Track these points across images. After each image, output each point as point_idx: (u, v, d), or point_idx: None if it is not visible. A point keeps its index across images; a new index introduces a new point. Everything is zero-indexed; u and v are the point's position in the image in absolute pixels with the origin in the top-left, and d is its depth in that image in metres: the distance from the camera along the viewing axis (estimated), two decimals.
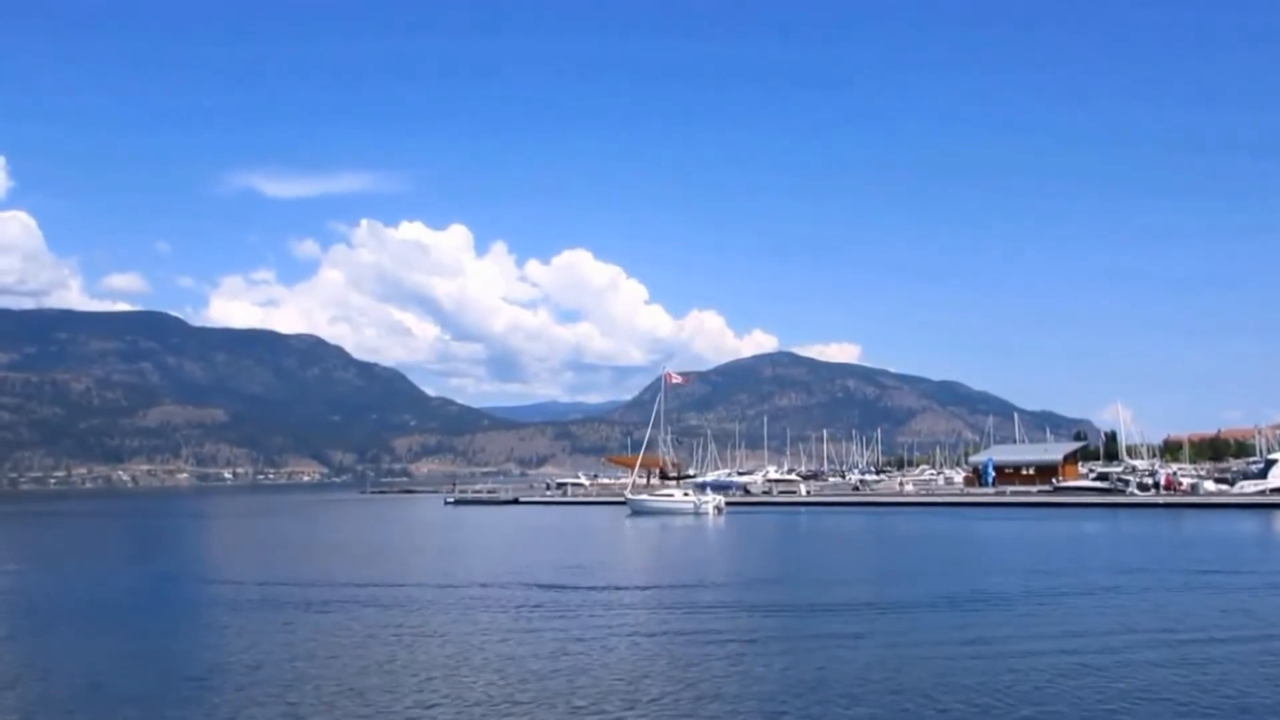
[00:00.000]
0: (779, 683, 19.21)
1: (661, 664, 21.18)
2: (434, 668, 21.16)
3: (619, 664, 21.19)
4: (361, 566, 43.97)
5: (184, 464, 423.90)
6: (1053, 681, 19.00)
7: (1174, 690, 18.25)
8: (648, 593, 33.44)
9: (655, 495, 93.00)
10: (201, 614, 29.30)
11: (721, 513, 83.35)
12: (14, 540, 76.12)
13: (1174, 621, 25.62)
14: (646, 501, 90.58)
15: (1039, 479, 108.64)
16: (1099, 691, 18.12)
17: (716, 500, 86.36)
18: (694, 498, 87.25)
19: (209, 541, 73.93)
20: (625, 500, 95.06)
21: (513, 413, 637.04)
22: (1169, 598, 30.37)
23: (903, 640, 23.43)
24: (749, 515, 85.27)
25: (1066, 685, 18.66)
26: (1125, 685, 18.62)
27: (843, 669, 20.25)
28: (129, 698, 18.69)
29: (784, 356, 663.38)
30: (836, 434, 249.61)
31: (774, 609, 28.73)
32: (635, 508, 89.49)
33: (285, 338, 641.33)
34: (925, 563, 42.59)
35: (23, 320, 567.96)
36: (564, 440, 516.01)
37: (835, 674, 19.80)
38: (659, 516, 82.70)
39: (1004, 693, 18.13)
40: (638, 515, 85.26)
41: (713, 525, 74.00)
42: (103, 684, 20.03)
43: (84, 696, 19.06)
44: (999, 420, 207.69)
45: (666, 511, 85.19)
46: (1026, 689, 18.42)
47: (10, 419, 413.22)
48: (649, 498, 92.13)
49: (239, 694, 18.83)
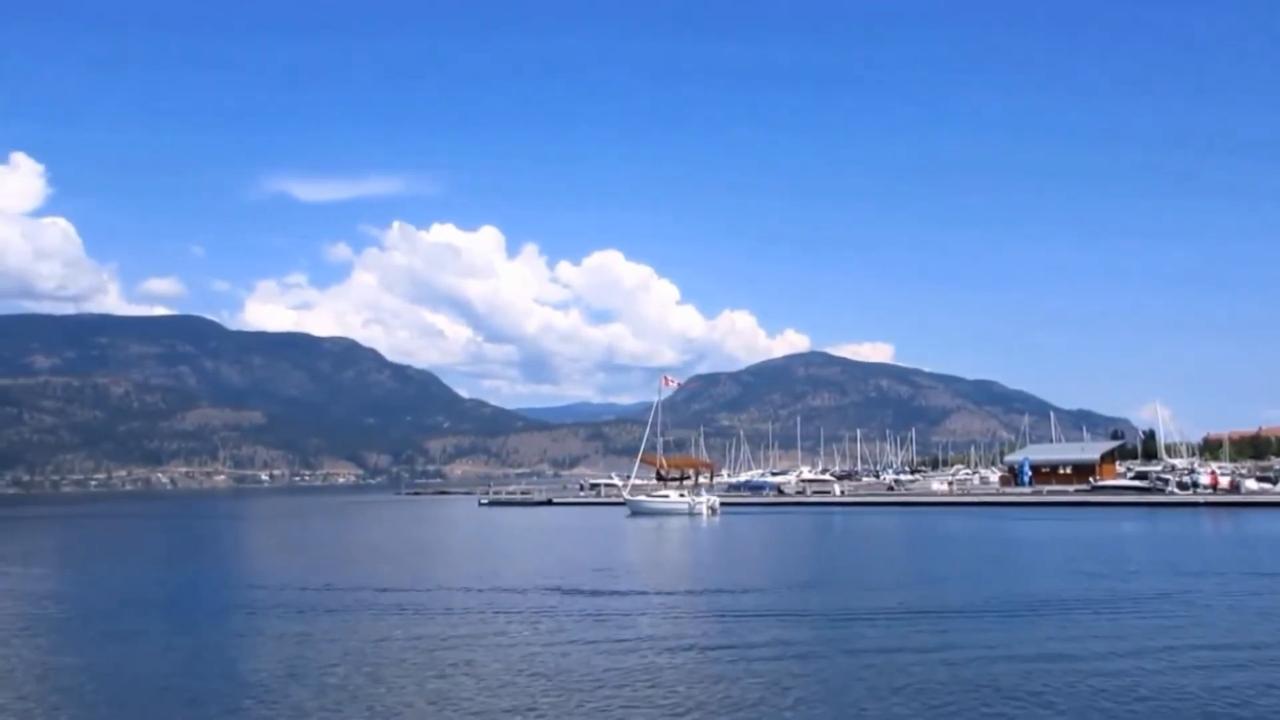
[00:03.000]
0: (820, 696, 18.67)
1: (695, 675, 20.71)
2: (485, 678, 20.94)
3: (658, 674, 20.87)
4: (402, 569, 43.84)
5: (221, 466, 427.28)
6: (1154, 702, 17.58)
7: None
8: (683, 598, 32.97)
9: (652, 496, 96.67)
10: (248, 617, 29.20)
11: (716, 513, 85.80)
12: (61, 542, 76.74)
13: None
14: (644, 502, 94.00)
15: (1076, 478, 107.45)
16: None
17: (711, 501, 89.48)
18: (689, 498, 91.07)
19: (249, 544, 74.24)
20: (624, 501, 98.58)
21: (545, 414, 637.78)
22: (1251, 603, 28.90)
23: (954, 650, 22.46)
24: (780, 516, 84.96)
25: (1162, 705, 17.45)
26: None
27: (889, 682, 19.39)
28: (196, 699, 18.89)
29: (817, 356, 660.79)
30: (870, 434, 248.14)
31: (810, 615, 27.80)
32: (634, 508, 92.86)
33: (319, 340, 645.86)
34: (965, 565, 41.99)
35: (63, 325, 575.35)
36: (596, 441, 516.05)
37: (879, 688, 19.01)
38: (656, 517, 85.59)
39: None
40: (636, 515, 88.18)
41: (707, 525, 76.11)
42: (170, 687, 20.12)
43: (153, 698, 19.21)
44: (1035, 419, 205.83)
45: (663, 512, 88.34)
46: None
47: (52, 422, 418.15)
48: (646, 498, 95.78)
49: (296, 700, 18.78)
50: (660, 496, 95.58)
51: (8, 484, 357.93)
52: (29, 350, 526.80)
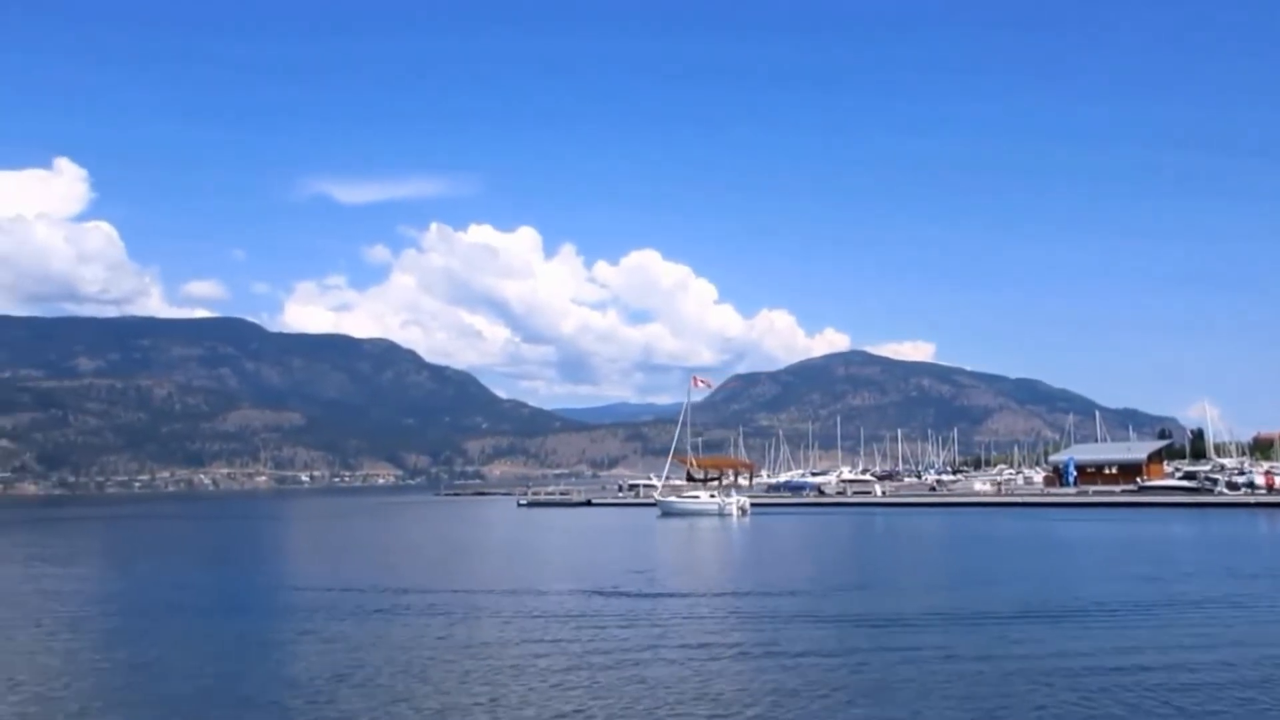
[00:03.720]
0: (866, 703, 18.24)
1: (742, 680, 20.38)
2: (533, 681, 20.76)
3: (708, 680, 20.57)
4: (444, 571, 43.81)
5: (263, 467, 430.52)
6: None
7: None
8: (724, 601, 32.58)
9: (683, 497, 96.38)
10: (292, 619, 29.19)
11: (746, 514, 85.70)
12: (106, 543, 77.44)
13: None
14: (675, 503, 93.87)
15: (1122, 478, 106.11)
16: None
17: (741, 501, 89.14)
18: (719, 499, 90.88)
19: (291, 545, 74.70)
20: (655, 502, 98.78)
21: (584, 414, 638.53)
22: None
23: (1004, 655, 21.83)
24: (820, 516, 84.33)
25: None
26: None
27: (938, 689, 18.93)
28: (246, 700, 18.97)
29: (857, 355, 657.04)
30: (911, 434, 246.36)
31: (853, 619, 27.20)
32: (665, 509, 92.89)
33: (359, 342, 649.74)
34: (1011, 567, 41.33)
35: (107, 328, 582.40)
36: (635, 441, 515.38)
37: (927, 694, 18.57)
38: (687, 517, 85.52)
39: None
40: (667, 516, 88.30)
41: (738, 525, 76.03)
42: (219, 688, 20.16)
43: (203, 698, 19.29)
44: (1079, 418, 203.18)
45: (694, 513, 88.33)
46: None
47: (96, 424, 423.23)
48: (677, 499, 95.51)
49: (346, 702, 18.72)
50: (691, 497, 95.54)
51: (53, 485, 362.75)
52: (74, 353, 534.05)
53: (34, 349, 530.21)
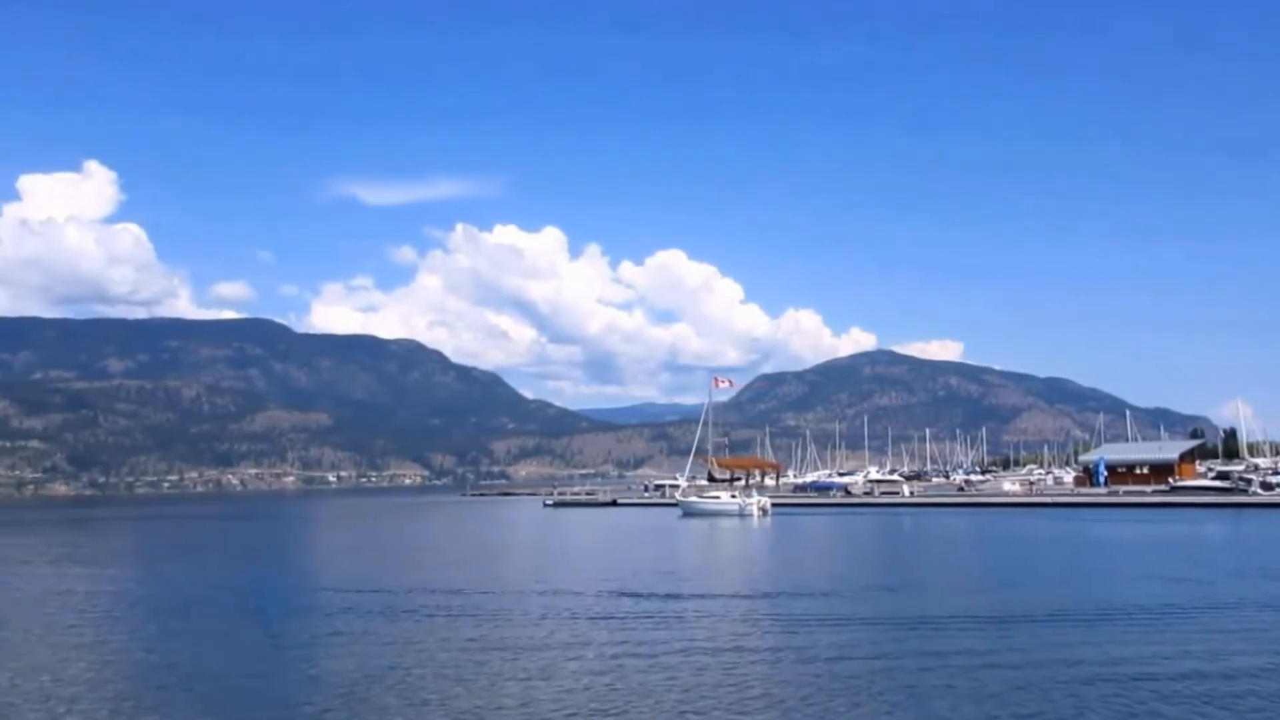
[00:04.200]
0: (897, 705, 17.99)
1: (772, 682, 20.23)
2: (565, 682, 20.70)
3: (742, 682, 20.42)
4: (473, 571, 43.71)
5: (290, 468, 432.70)
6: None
7: None
8: (752, 602, 32.37)
9: (704, 497, 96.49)
10: (323, 619, 29.23)
11: (767, 514, 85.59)
12: (138, 543, 77.97)
13: None
14: (696, 503, 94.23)
15: (1154, 479, 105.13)
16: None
17: (762, 502, 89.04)
18: (740, 499, 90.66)
19: (320, 545, 74.98)
20: (676, 502, 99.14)
21: (610, 414, 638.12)
22: None
23: (1040, 659, 21.43)
24: (847, 517, 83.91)
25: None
26: None
27: (972, 692, 18.64)
28: (279, 700, 19.08)
29: (883, 355, 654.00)
30: (939, 434, 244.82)
31: (881, 621, 26.89)
32: (686, 509, 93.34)
33: (385, 343, 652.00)
34: (1043, 568, 40.92)
35: (136, 329, 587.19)
36: (661, 441, 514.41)
37: (959, 698, 18.28)
38: (708, 518, 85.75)
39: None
40: (688, 516, 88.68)
41: (759, 525, 76.22)
42: (252, 687, 20.25)
43: (237, 698, 19.39)
44: (1110, 418, 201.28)
45: (715, 513, 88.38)
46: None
47: (126, 424, 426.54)
48: (698, 499, 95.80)
49: (380, 702, 18.72)
50: (711, 498, 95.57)
51: (84, 485, 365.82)
52: (104, 354, 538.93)
53: (65, 350, 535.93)
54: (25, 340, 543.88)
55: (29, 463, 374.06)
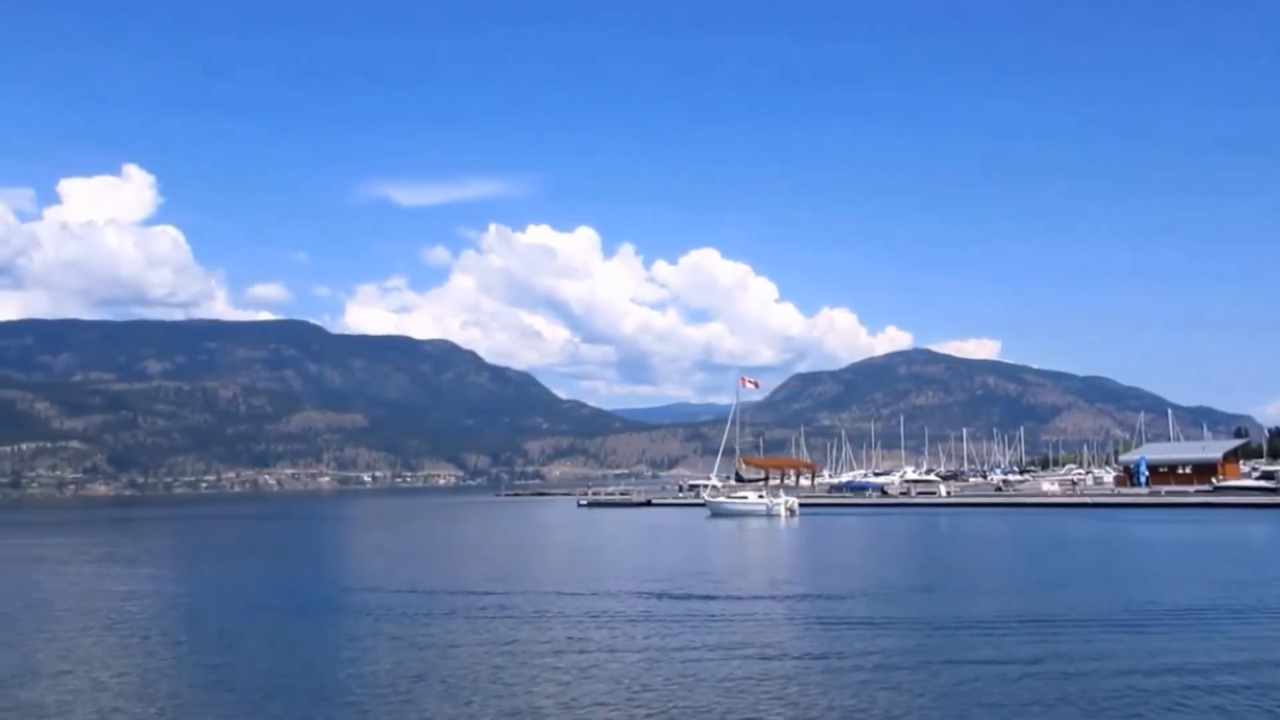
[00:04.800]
0: (937, 712, 17.63)
1: (813, 689, 19.95)
2: (608, 683, 20.61)
3: (783, 685, 20.25)
4: (511, 572, 43.67)
5: (326, 468, 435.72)
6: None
7: None
8: (789, 604, 32.06)
9: (731, 497, 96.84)
10: (364, 619, 29.32)
11: (794, 514, 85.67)
12: (177, 543, 78.61)
13: None
14: (724, 503, 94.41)
15: (1196, 478, 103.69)
16: None
17: (789, 502, 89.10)
18: (767, 500, 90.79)
19: (358, 545, 75.34)
20: (705, 502, 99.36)
21: (644, 414, 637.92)
22: None
23: (1090, 666, 20.96)
24: (884, 517, 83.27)
25: None
26: None
27: (1014, 699, 18.27)
28: (325, 699, 19.24)
29: (920, 354, 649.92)
30: (976, 433, 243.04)
31: (919, 623, 26.40)
32: (714, 509, 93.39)
33: (419, 343, 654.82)
34: (1086, 569, 40.30)
35: (174, 331, 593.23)
36: (695, 441, 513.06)
37: (1001, 705, 17.89)
38: (736, 518, 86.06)
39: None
40: (717, 516, 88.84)
41: (786, 526, 76.39)
42: (297, 687, 20.27)
43: (284, 697, 19.50)
44: (1151, 417, 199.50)
45: (742, 513, 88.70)
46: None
47: (165, 425, 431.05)
48: (726, 499, 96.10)
49: (425, 703, 18.74)
50: (739, 498, 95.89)
51: (123, 486, 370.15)
52: (143, 355, 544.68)
53: (105, 352, 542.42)
54: (66, 342, 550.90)
55: (70, 463, 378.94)
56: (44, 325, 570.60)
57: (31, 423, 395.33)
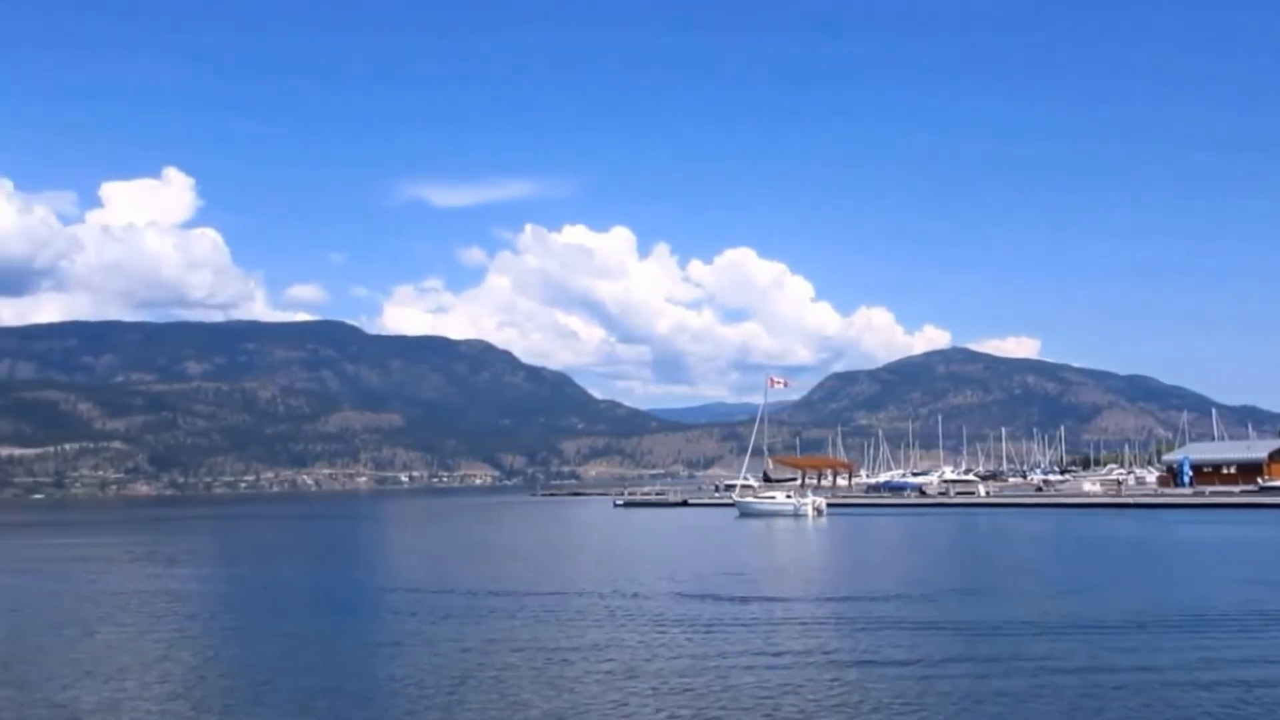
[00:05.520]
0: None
1: (856, 691, 19.76)
2: (657, 686, 20.56)
3: (826, 690, 20.18)
4: (551, 573, 43.67)
5: (363, 468, 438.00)
6: None
7: None
8: (829, 606, 31.79)
9: (760, 498, 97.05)
10: (408, 619, 29.39)
11: (822, 514, 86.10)
12: (218, 543, 79.36)
13: None
14: (752, 503, 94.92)
15: (1242, 479, 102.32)
16: None
17: (817, 502, 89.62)
18: (794, 500, 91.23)
19: (397, 545, 75.88)
20: (733, 502, 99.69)
21: (679, 414, 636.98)
22: None
23: (1143, 674, 20.38)
24: (922, 518, 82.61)
25: None
26: None
27: (1063, 707, 17.85)
28: (371, 699, 19.32)
29: (958, 353, 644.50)
30: (1016, 433, 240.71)
31: (959, 627, 25.98)
32: (743, 509, 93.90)
33: (456, 344, 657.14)
34: (1130, 571, 39.66)
35: (214, 332, 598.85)
36: (731, 441, 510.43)
37: (1049, 713, 17.53)
38: (764, 518, 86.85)
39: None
40: (745, 516, 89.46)
41: (813, 525, 77.06)
42: (345, 688, 20.28)
43: (332, 697, 19.57)
44: (1194, 416, 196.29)
45: (770, 513, 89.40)
46: None
47: (204, 426, 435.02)
48: (754, 500, 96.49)
49: (473, 703, 18.78)
50: (767, 498, 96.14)
51: (164, 485, 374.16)
52: (183, 357, 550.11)
53: (146, 353, 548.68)
54: (108, 344, 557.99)
55: (112, 463, 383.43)
56: (86, 327, 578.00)
57: (75, 423, 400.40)
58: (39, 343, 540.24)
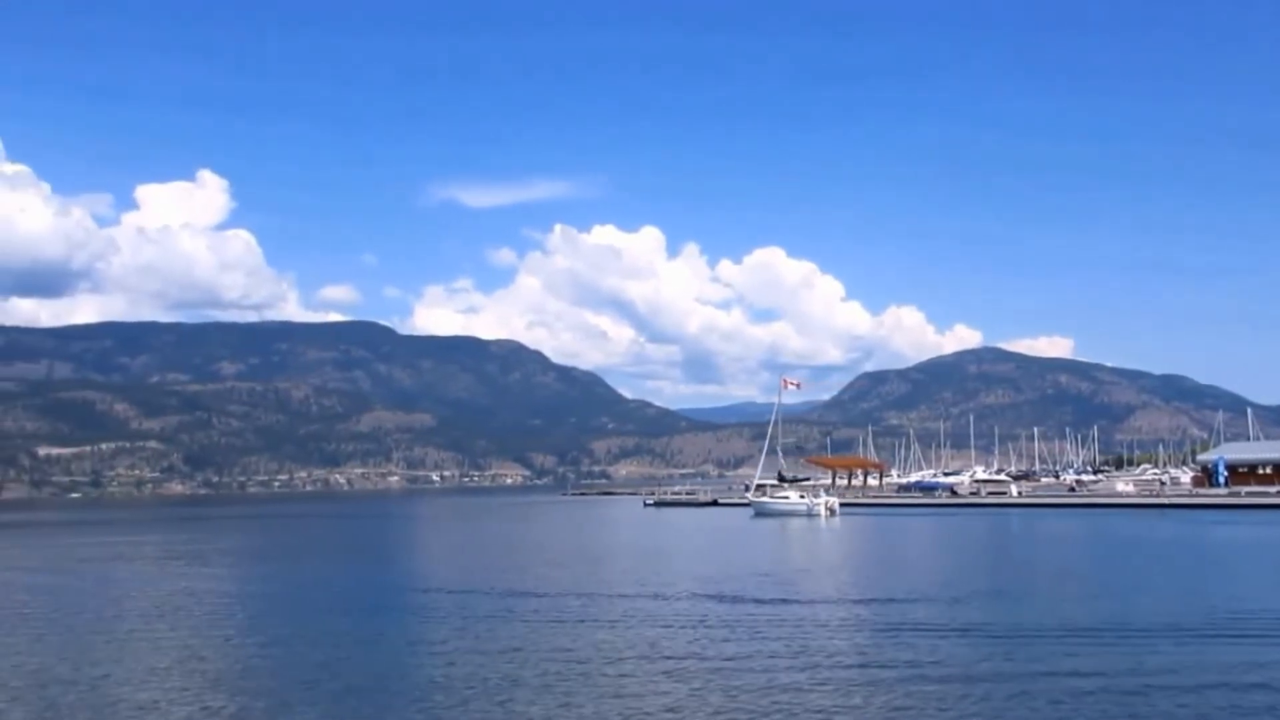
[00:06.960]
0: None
1: (887, 698, 19.86)
2: (705, 688, 20.76)
3: (863, 695, 20.33)
4: (586, 574, 43.69)
5: (395, 467, 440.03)
6: None
7: None
8: (860, 609, 31.63)
9: (774, 498, 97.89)
10: (447, 620, 29.65)
11: (835, 514, 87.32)
12: (255, 542, 79.91)
13: None
14: (767, 503, 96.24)
15: (1278, 479, 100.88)
16: None
17: (830, 502, 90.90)
18: (808, 500, 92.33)
19: (431, 545, 76.18)
20: (749, 502, 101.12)
21: (709, 414, 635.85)
22: None
23: (1176, 678, 20.23)
24: (952, 518, 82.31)
25: None
26: None
27: (1096, 714, 17.70)
28: (419, 698, 19.45)
29: (989, 352, 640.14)
30: (1048, 433, 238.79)
31: (988, 631, 25.76)
32: (758, 509, 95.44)
33: (486, 344, 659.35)
34: (1164, 574, 39.43)
35: (247, 333, 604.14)
36: (761, 441, 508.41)
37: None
38: (778, 517, 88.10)
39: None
40: (760, 516, 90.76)
41: (826, 525, 78.14)
42: (391, 688, 20.43)
43: (379, 696, 19.77)
44: (1230, 416, 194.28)
45: (784, 513, 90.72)
46: None
47: (238, 425, 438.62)
48: (769, 500, 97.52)
49: (519, 703, 19.03)
50: (781, 498, 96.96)
51: (199, 485, 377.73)
52: (217, 357, 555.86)
53: (180, 354, 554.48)
54: (144, 345, 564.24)
55: (147, 463, 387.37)
56: (122, 328, 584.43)
57: (111, 423, 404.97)
58: (76, 343, 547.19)
